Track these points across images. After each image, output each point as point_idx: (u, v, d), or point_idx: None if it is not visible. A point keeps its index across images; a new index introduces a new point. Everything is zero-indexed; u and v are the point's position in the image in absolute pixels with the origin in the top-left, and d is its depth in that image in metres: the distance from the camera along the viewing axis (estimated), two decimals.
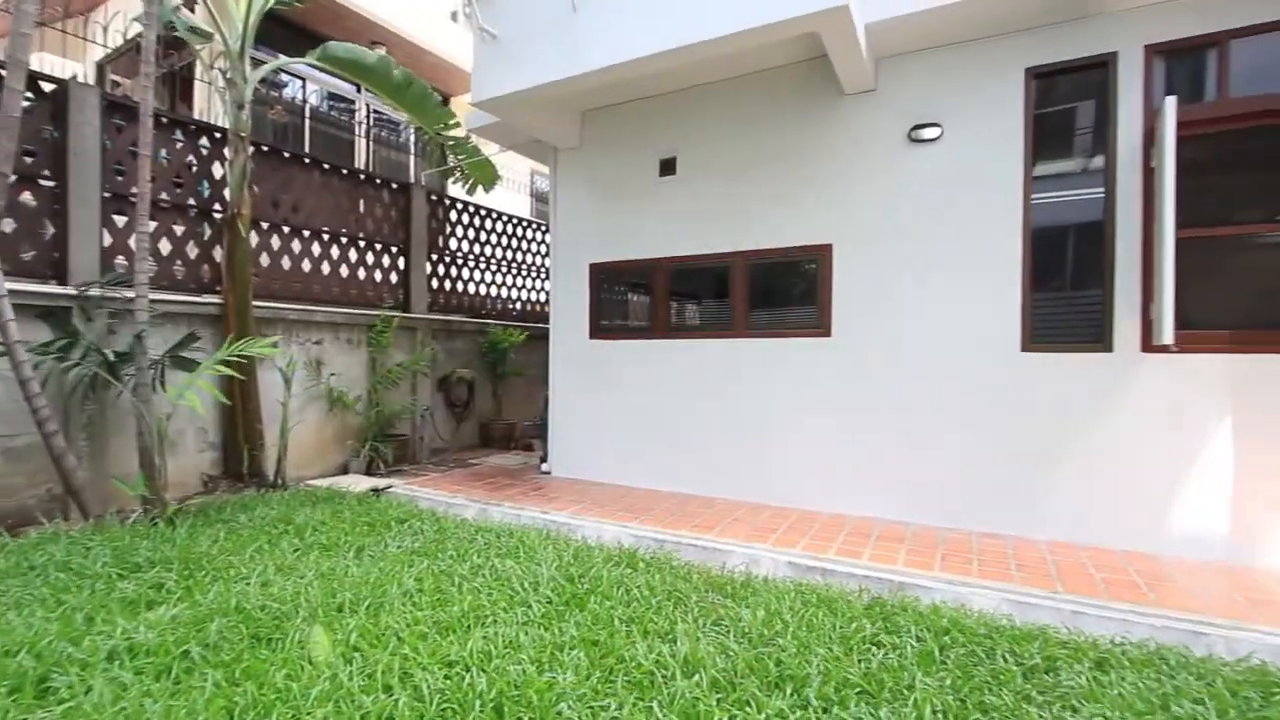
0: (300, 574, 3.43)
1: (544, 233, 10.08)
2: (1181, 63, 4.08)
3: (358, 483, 5.80)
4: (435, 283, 8.09)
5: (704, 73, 5.38)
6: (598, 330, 6.23)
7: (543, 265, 10.08)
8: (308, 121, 9.22)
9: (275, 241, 6.25)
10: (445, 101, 10.11)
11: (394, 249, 7.46)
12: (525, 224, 9.89)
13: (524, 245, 9.82)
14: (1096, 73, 4.23)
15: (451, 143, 6.64)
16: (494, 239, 9.18)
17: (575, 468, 6.28)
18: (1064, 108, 4.45)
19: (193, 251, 5.62)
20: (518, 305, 9.67)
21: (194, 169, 5.67)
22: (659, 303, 5.88)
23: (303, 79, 9.17)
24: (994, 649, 2.70)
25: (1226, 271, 4.09)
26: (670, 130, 5.78)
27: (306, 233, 6.51)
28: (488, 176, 7.08)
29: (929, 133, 4.64)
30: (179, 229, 5.53)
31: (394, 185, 7.50)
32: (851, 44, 4.26)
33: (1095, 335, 4.21)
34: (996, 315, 4.46)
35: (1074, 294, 4.34)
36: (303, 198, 6.50)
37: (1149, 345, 4.03)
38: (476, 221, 8.85)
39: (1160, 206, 3.73)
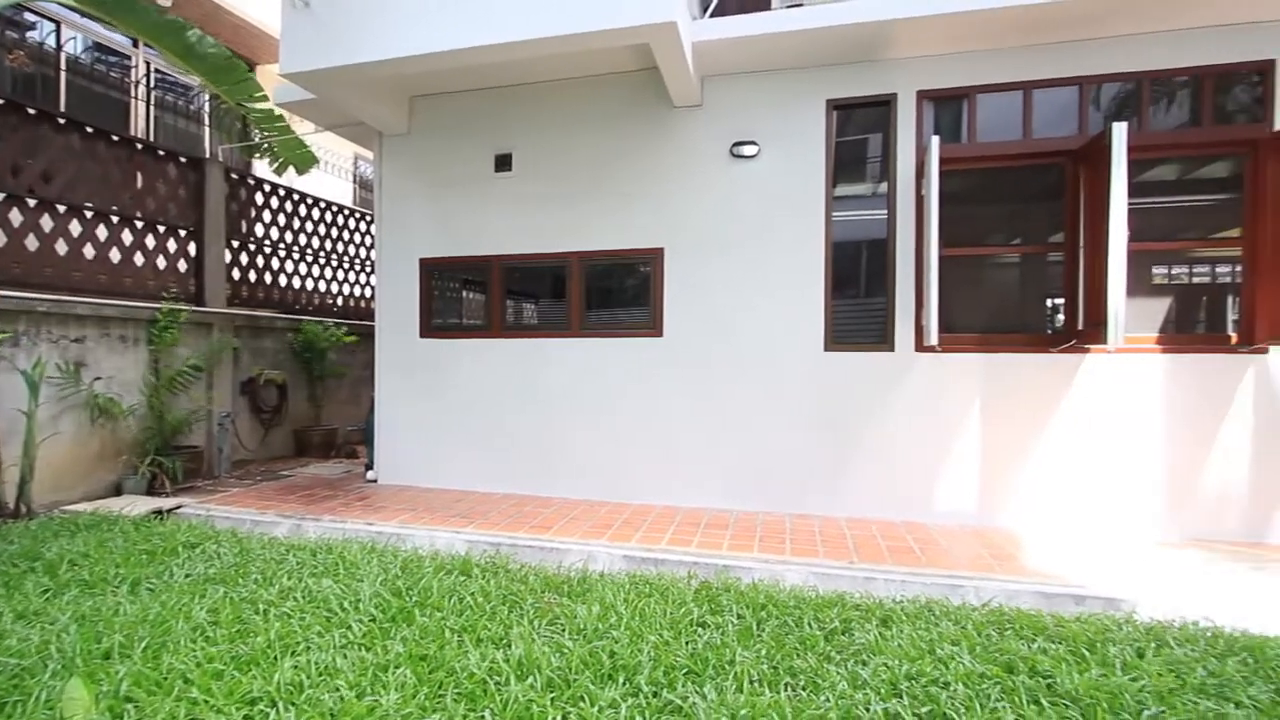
0: (51, 619, 2.86)
1: (370, 223, 9.37)
2: (945, 108, 4.86)
3: (135, 505, 4.95)
4: (237, 273, 7.17)
5: (542, 70, 5.35)
6: (429, 329, 5.93)
7: (368, 258, 9.36)
8: (64, 74, 7.67)
9: (16, 216, 5.12)
10: (250, 69, 9.01)
11: (183, 232, 6.48)
12: (349, 213, 9.11)
13: (346, 235, 9.04)
14: (881, 110, 4.89)
15: (257, 116, 5.90)
16: (311, 227, 8.35)
17: (405, 474, 5.92)
18: (858, 138, 5.08)
19: None
20: (339, 300, 8.89)
21: None
22: (494, 301, 5.75)
23: (57, 22, 7.60)
24: (802, 618, 3.01)
25: (976, 285, 4.96)
26: (507, 125, 5.67)
27: (62, 208, 5.42)
28: (302, 158, 6.39)
29: (748, 150, 5.05)
30: None
31: (183, 159, 6.51)
32: (679, 60, 4.50)
33: (881, 337, 4.88)
34: (805, 318, 4.97)
35: (865, 301, 4.98)
36: (58, 165, 5.41)
37: (921, 345, 4.74)
38: (289, 206, 7.98)
39: (927, 229, 4.41)
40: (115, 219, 5.83)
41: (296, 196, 8.10)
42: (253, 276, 7.39)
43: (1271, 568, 3.78)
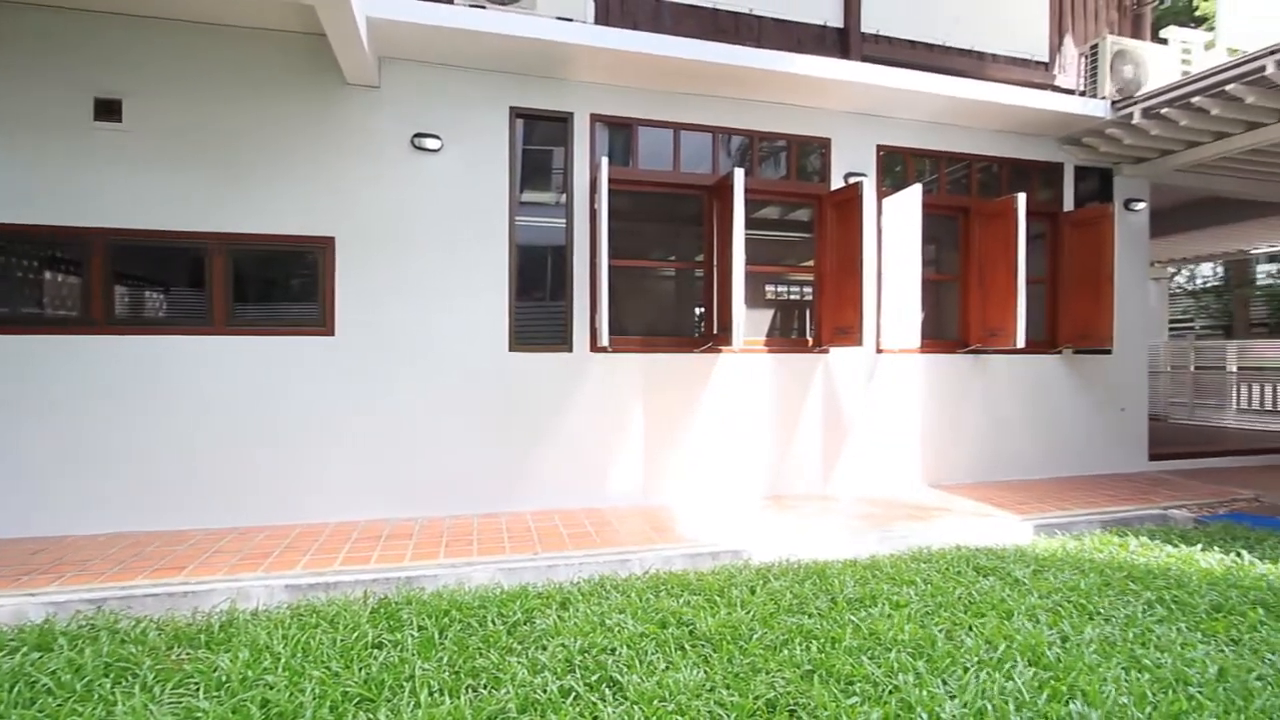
0: None
1: None
2: (615, 133, 5.41)
3: None
4: None
5: (173, 5, 4.33)
6: None
7: None
8: None
9: None
10: None
11: None
12: None
13: None
14: (561, 125, 5.22)
15: None
16: None
17: None
18: (541, 148, 5.33)
19: None
20: None
21: None
22: (96, 286, 4.45)
23: None
24: (486, 616, 3.04)
25: (641, 293, 5.66)
26: (117, 62, 4.43)
27: None
28: None
29: (431, 143, 4.88)
30: None
31: None
32: (351, 31, 4.10)
33: (561, 338, 5.21)
34: (488, 320, 5.02)
35: (548, 304, 5.26)
36: None
37: (595, 346, 5.21)
38: None
39: (598, 240, 4.87)
40: None
41: None
42: None
43: (833, 511, 5.16)
